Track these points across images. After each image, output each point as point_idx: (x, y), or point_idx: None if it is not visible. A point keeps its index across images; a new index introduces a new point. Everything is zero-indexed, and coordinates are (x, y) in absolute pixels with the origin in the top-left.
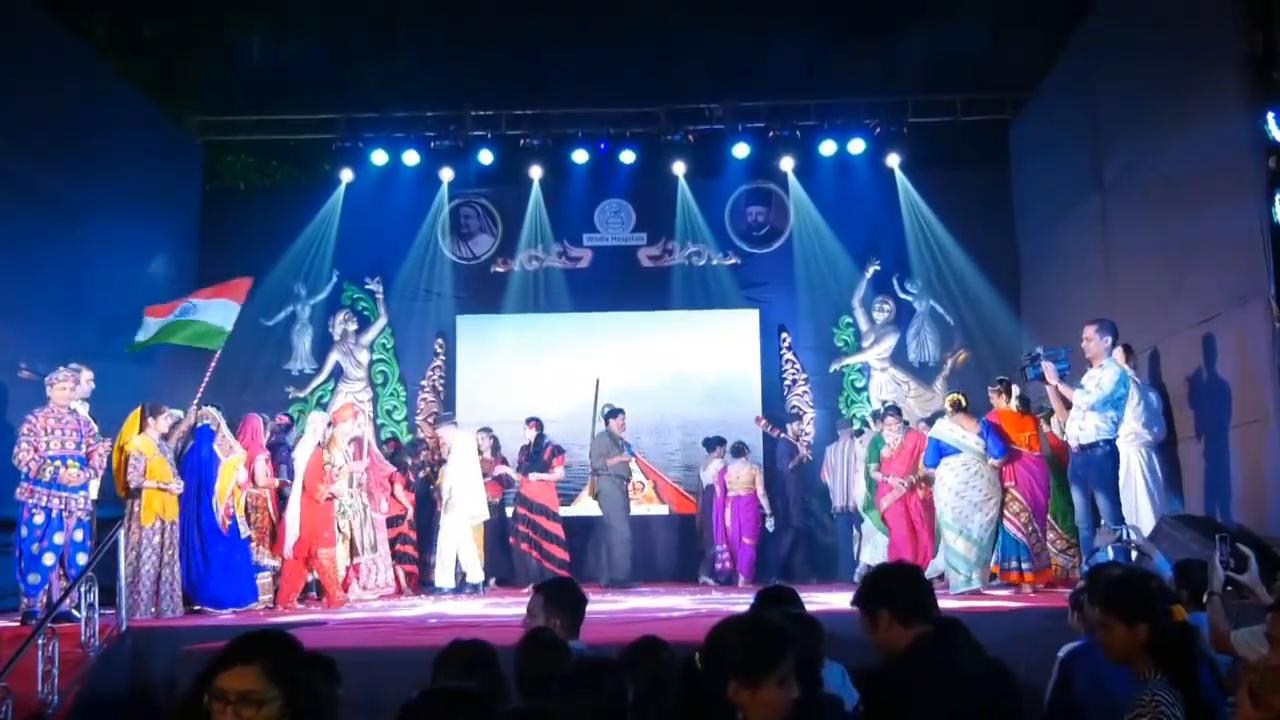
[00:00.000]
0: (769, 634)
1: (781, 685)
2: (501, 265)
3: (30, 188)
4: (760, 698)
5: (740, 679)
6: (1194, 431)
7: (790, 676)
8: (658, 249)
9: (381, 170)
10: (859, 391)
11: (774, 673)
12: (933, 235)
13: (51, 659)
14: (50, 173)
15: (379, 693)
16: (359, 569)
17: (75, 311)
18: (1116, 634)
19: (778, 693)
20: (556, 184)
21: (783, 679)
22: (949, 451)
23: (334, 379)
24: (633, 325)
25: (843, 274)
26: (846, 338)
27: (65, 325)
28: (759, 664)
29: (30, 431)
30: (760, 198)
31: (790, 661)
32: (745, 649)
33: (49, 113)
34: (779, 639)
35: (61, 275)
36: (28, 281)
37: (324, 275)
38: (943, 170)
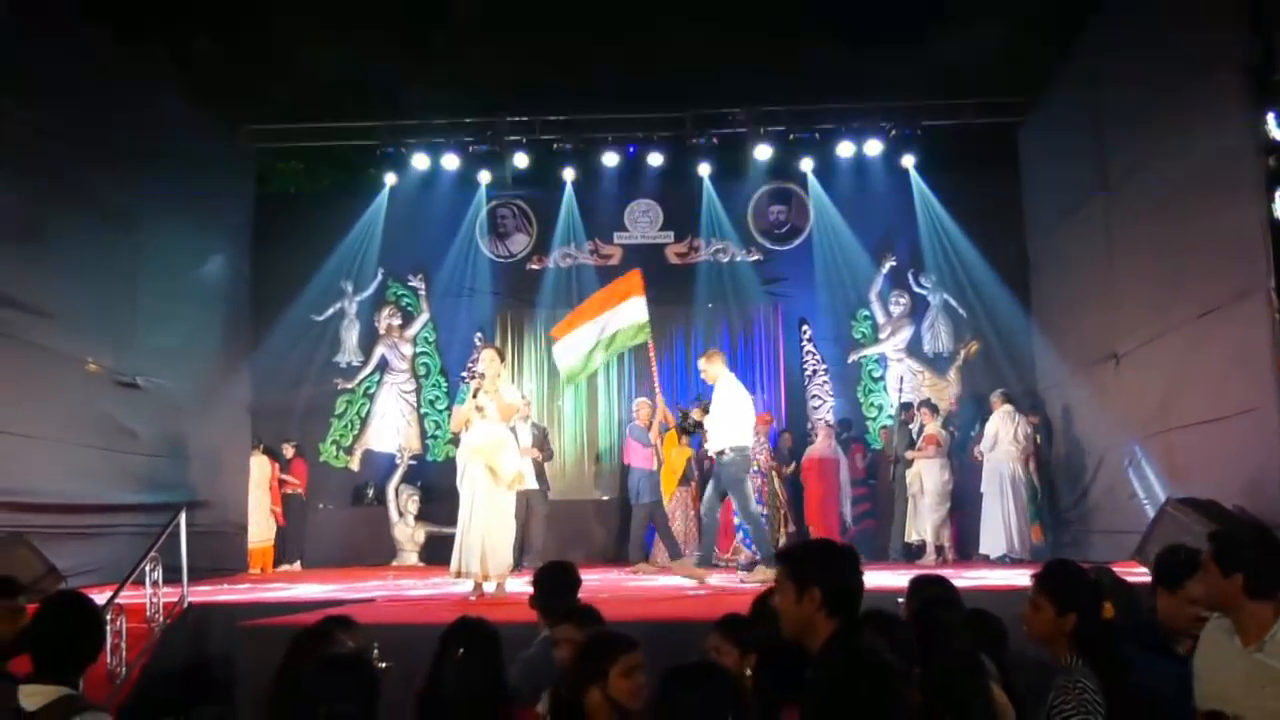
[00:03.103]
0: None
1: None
2: (537, 263)
3: (93, 196)
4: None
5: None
6: (1196, 419)
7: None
8: (684, 246)
9: (423, 174)
10: (876, 381)
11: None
12: (945, 233)
13: (120, 634)
14: (112, 181)
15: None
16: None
17: (135, 311)
18: (1045, 616)
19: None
20: (588, 185)
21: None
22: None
23: (379, 371)
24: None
25: (860, 269)
26: (864, 330)
27: (126, 322)
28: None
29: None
30: (781, 197)
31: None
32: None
33: (111, 125)
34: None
35: (122, 277)
36: (92, 283)
37: (370, 273)
38: (955, 171)
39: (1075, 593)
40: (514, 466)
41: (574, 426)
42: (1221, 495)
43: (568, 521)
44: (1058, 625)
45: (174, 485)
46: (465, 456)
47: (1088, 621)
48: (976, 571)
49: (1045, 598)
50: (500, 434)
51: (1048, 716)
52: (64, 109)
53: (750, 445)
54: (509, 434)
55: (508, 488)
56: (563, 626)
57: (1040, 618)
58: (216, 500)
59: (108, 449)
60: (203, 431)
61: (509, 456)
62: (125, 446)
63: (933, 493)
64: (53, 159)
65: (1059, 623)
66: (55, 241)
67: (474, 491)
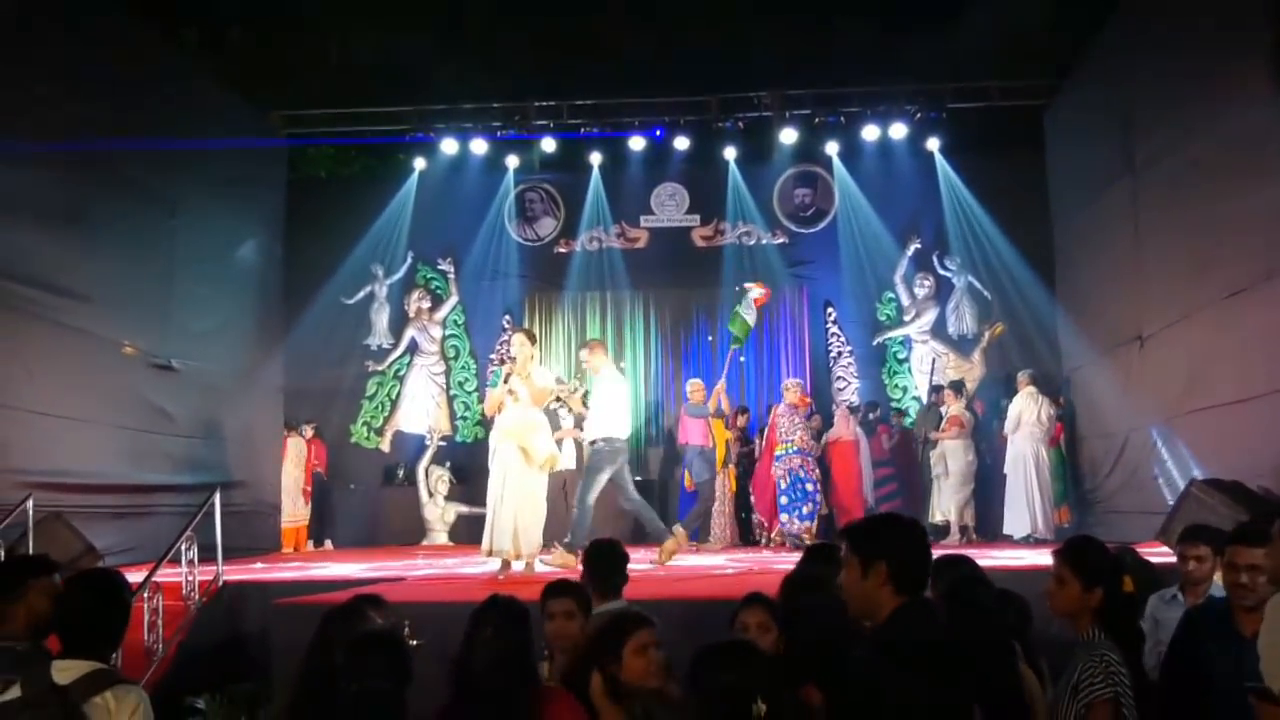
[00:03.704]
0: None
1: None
2: (564, 246)
3: (132, 181)
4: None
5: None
6: (1222, 400)
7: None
8: (710, 229)
9: (452, 159)
10: (901, 363)
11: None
12: (971, 215)
13: (156, 611)
14: (149, 167)
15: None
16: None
17: (170, 295)
18: (1070, 591)
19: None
20: (615, 169)
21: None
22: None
23: (409, 353)
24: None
25: (885, 252)
26: (889, 312)
27: (162, 306)
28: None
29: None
30: (807, 180)
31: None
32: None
33: (148, 112)
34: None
35: (159, 262)
36: (130, 266)
37: (399, 257)
38: (980, 153)
39: (1100, 568)
40: (547, 448)
41: None
42: (1247, 477)
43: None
44: (1083, 600)
45: (209, 466)
46: (497, 438)
47: (1112, 596)
48: (1000, 551)
49: (1070, 572)
50: (532, 416)
51: (1075, 689)
52: (102, 96)
53: (623, 438)
54: (541, 416)
55: (540, 468)
56: (559, 599)
57: (1065, 592)
58: (250, 481)
59: (144, 430)
60: (237, 413)
61: (541, 438)
62: (161, 428)
63: (957, 473)
64: (91, 145)
65: (1084, 598)
66: (93, 226)
67: (505, 471)
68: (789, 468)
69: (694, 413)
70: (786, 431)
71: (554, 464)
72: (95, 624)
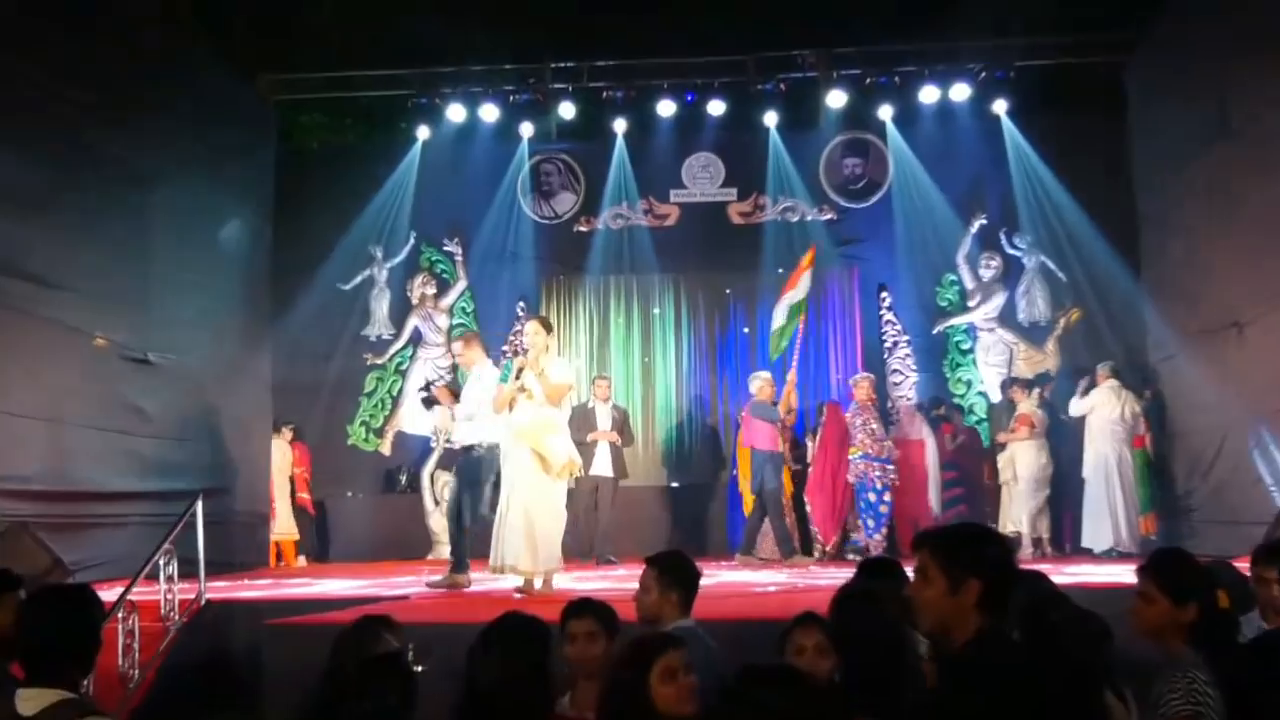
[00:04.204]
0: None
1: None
2: (585, 224)
3: (99, 154)
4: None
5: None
6: None
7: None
8: (749, 205)
9: (459, 127)
10: (964, 354)
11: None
12: (1042, 186)
13: (132, 633)
14: (122, 139)
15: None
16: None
17: (146, 280)
18: (1159, 608)
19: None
20: (641, 138)
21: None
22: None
23: (413, 345)
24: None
25: (946, 229)
26: (951, 297)
27: (137, 293)
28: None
29: None
30: (857, 149)
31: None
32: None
33: (116, 77)
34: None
35: (133, 243)
36: (101, 248)
37: (401, 237)
38: (1053, 117)
39: (1191, 582)
40: (564, 452)
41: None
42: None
43: (628, 509)
44: (1173, 617)
45: (189, 471)
46: (509, 439)
47: (1207, 611)
48: (1078, 567)
49: (1157, 589)
50: (548, 415)
51: (1155, 707)
52: (69, 61)
53: (497, 442)
54: (559, 415)
55: (558, 475)
56: (579, 619)
57: (1153, 610)
58: (236, 487)
59: (117, 431)
60: (220, 412)
61: (558, 440)
62: (135, 428)
63: (1028, 479)
64: (57, 115)
65: (1175, 614)
66: (59, 204)
67: (517, 477)
68: (858, 474)
69: (761, 413)
70: (861, 434)
71: (574, 470)
72: (64, 647)
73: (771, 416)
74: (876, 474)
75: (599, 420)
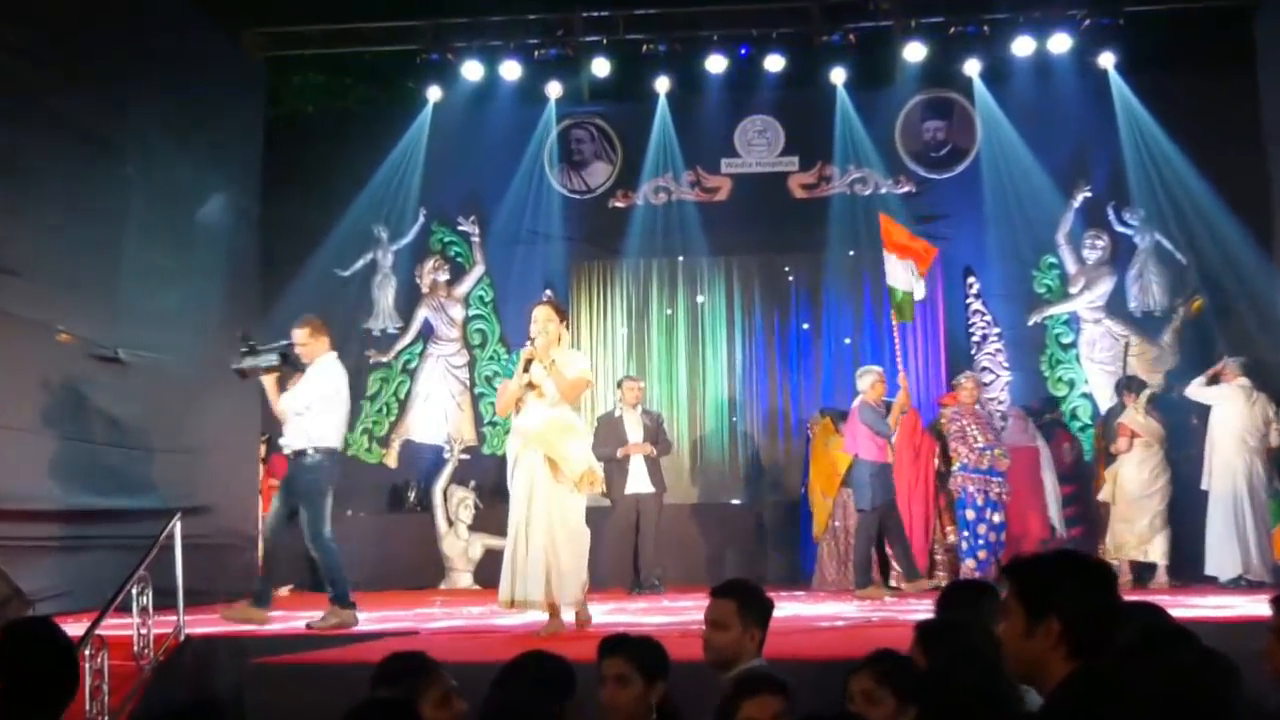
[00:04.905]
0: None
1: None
2: (621, 199)
3: (68, 122)
4: None
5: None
6: None
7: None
8: (812, 176)
9: (475, 87)
10: (1066, 349)
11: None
12: (1158, 153)
13: (101, 673)
14: (88, 103)
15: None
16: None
17: (117, 266)
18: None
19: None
20: (688, 99)
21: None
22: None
23: (423, 340)
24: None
25: (1044, 203)
26: (1049, 282)
27: (107, 281)
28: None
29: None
30: (939, 110)
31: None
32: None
33: (88, 35)
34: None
35: (102, 223)
36: (67, 229)
37: (409, 215)
38: (1170, 71)
39: None
40: (582, 459)
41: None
42: None
43: (671, 531)
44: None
45: (165, 486)
46: (516, 444)
47: None
48: (1201, 598)
49: None
50: (561, 417)
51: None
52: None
53: (338, 449)
54: (575, 417)
55: (575, 488)
56: (610, 658)
57: None
58: (220, 505)
59: (83, 440)
60: (202, 417)
61: (576, 446)
62: (103, 436)
63: (1133, 496)
64: (13, 77)
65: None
66: (18, 180)
67: (530, 491)
68: (956, 488)
69: (870, 419)
70: (974, 440)
71: (594, 481)
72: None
73: (881, 429)
74: (975, 488)
75: (628, 430)
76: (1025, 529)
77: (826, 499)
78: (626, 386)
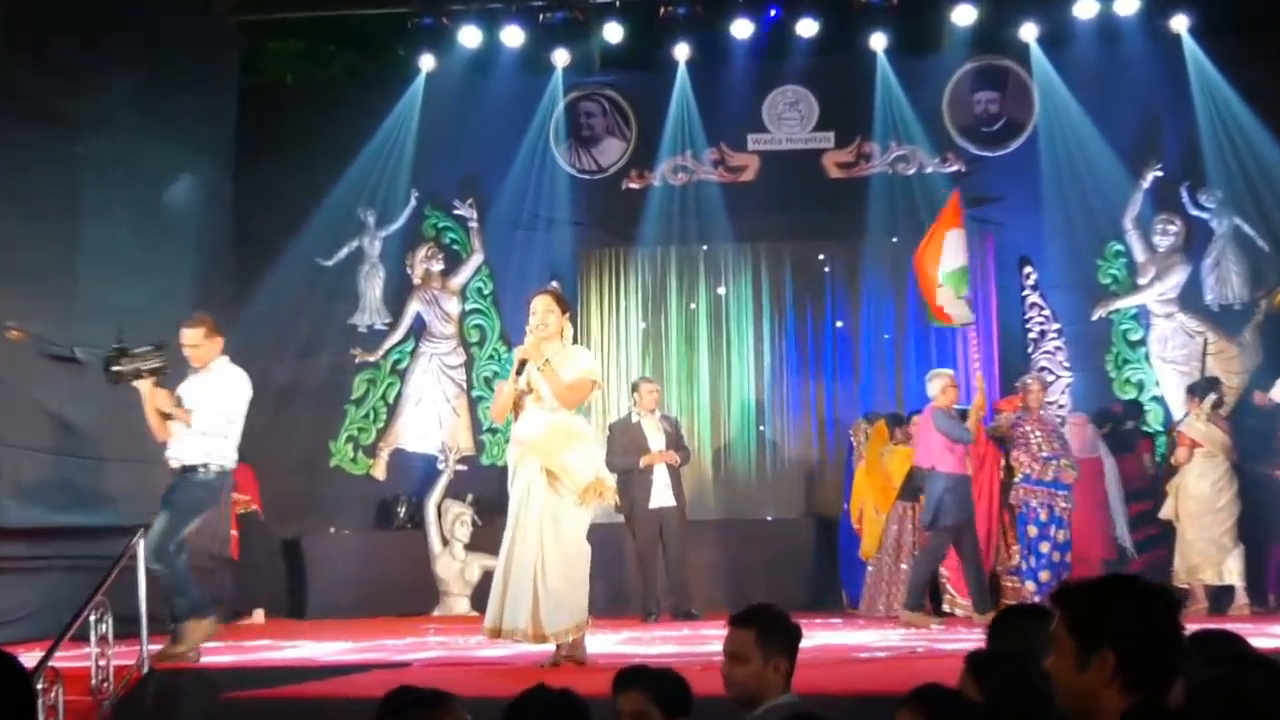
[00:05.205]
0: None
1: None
2: (636, 180)
3: (20, 93)
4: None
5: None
6: None
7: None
8: (850, 153)
9: (474, 55)
10: (1134, 347)
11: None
12: (1237, 127)
13: (55, 709)
14: (45, 73)
15: None
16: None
17: (74, 255)
18: None
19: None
20: (710, 67)
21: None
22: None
23: (414, 337)
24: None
25: (1110, 184)
26: (1116, 272)
27: (63, 271)
28: None
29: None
30: (992, 80)
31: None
32: None
33: None
34: None
35: (57, 206)
36: (18, 213)
37: (399, 198)
38: (1251, 35)
39: None
40: (587, 469)
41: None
42: None
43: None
44: None
45: (127, 500)
46: (515, 453)
47: None
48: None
49: None
50: (566, 422)
51: None
52: None
53: (232, 467)
54: (579, 422)
55: (579, 502)
56: (626, 692)
57: None
58: None
59: (35, 449)
60: None
61: (580, 454)
62: (59, 445)
63: (1196, 513)
64: None
65: None
66: None
67: (525, 507)
68: (1017, 502)
69: (947, 426)
70: (1038, 448)
71: (601, 493)
72: None
73: (961, 435)
74: (1038, 502)
75: (649, 437)
76: (1088, 551)
77: (879, 515)
78: (644, 390)
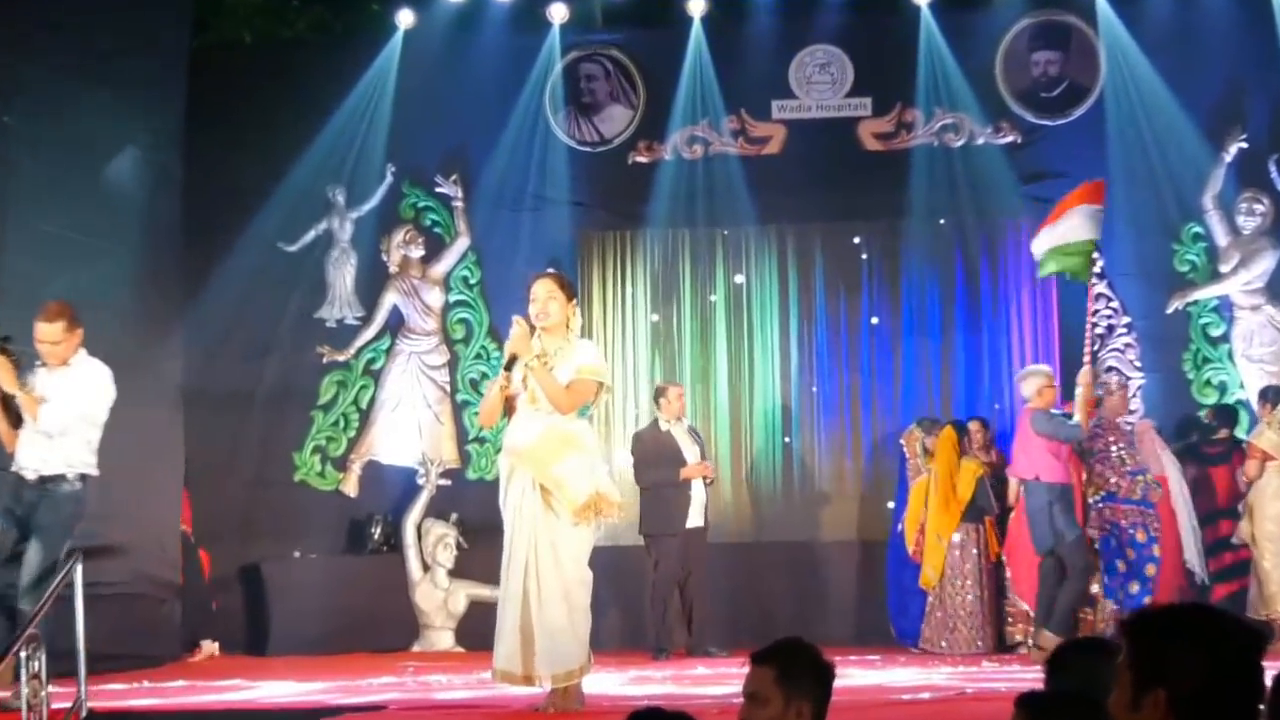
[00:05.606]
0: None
1: None
2: (645, 153)
3: None
4: None
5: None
6: None
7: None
8: (889, 122)
9: (458, 9)
10: (1215, 344)
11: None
12: None
13: None
14: None
15: None
16: None
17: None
18: None
19: None
20: (729, 25)
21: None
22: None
23: (390, 333)
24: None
25: (1187, 157)
26: (1194, 258)
27: None
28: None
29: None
30: (1053, 37)
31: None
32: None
33: None
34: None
35: None
36: None
37: (373, 173)
38: None
39: None
40: (585, 482)
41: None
42: None
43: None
44: None
45: None
46: (506, 464)
47: None
48: None
49: None
50: (564, 426)
51: None
52: None
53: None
54: (581, 426)
55: (576, 520)
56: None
57: None
58: (134, 542)
59: None
60: (111, 434)
61: (575, 464)
62: None
63: (1272, 535)
64: None
65: None
66: None
67: (514, 527)
68: (1104, 523)
69: (1050, 428)
70: (1122, 463)
71: (600, 511)
72: None
73: (1070, 434)
74: (1129, 522)
75: (684, 449)
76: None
77: (942, 541)
78: (671, 394)
